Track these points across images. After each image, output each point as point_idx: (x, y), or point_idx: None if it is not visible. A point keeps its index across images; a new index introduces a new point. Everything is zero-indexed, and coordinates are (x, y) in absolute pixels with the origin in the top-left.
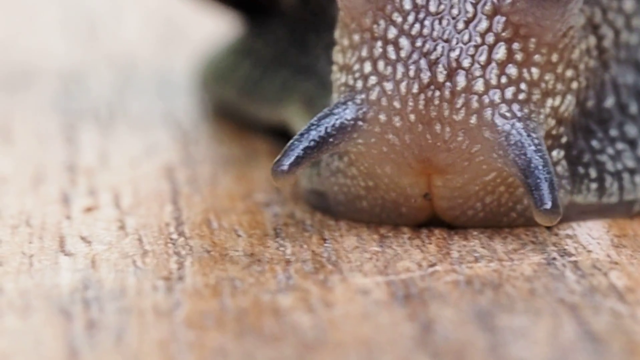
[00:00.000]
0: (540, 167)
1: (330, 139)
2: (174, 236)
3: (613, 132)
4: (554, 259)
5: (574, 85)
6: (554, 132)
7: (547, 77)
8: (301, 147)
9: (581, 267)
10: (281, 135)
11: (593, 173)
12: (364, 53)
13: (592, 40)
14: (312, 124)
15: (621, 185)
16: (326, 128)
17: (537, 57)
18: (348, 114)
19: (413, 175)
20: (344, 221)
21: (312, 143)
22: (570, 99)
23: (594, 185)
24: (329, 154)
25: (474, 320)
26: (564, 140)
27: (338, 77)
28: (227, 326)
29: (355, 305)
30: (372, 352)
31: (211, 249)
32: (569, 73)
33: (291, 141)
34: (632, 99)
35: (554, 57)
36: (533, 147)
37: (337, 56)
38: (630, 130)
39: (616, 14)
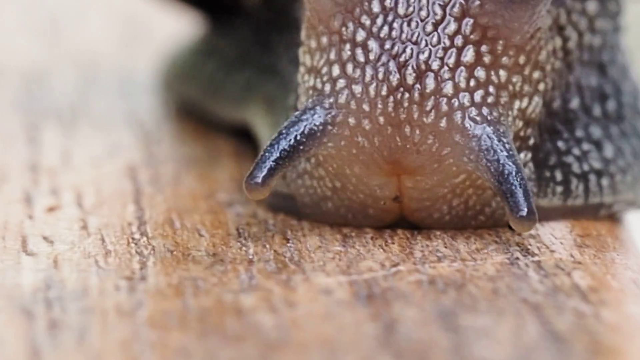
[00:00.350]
0: (514, 173)
1: (301, 147)
2: (137, 236)
3: (579, 133)
4: (517, 258)
5: (541, 86)
6: (521, 133)
7: (514, 79)
8: (272, 158)
9: (544, 267)
10: (244, 135)
11: (559, 176)
12: (332, 56)
13: (558, 42)
14: (282, 133)
15: (587, 187)
16: (296, 136)
17: (504, 59)
18: (317, 119)
19: (382, 175)
20: (307, 221)
21: (283, 153)
22: (537, 100)
23: (559, 189)
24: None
25: (436, 320)
26: (531, 142)
27: (306, 80)
28: (189, 326)
29: (318, 305)
30: (334, 352)
31: (174, 248)
32: (536, 74)
33: (262, 153)
34: (595, 101)
35: (522, 59)
36: (505, 153)
37: (305, 58)
38: (595, 132)
39: (580, 15)
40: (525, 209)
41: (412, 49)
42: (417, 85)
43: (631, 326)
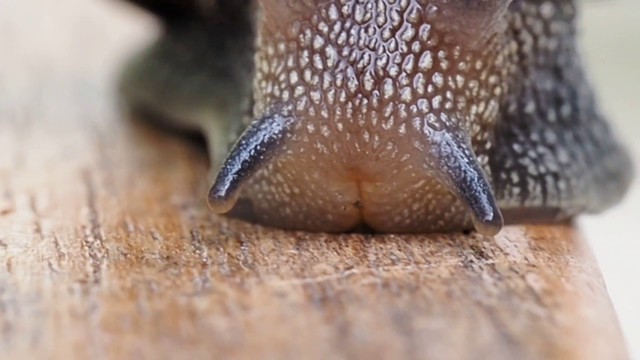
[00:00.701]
0: (477, 179)
1: (261, 156)
2: (90, 239)
3: (534, 136)
4: (471, 261)
5: (497, 91)
6: (478, 138)
7: (471, 84)
8: (234, 171)
9: (498, 270)
10: (198, 138)
11: (515, 177)
12: (290, 63)
13: (514, 46)
14: (241, 144)
15: (544, 189)
16: (256, 146)
17: (461, 65)
18: (275, 127)
19: (342, 181)
20: (261, 224)
21: (245, 164)
22: (493, 104)
23: (516, 190)
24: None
25: (390, 323)
26: (488, 146)
27: (263, 87)
28: (143, 329)
29: (272, 308)
30: (288, 355)
31: (127, 251)
32: (492, 79)
33: (223, 165)
34: (550, 105)
35: (478, 64)
36: (466, 160)
37: (262, 64)
38: (550, 136)
39: (535, 19)
40: (491, 214)
41: (370, 55)
42: (376, 92)
43: (585, 329)
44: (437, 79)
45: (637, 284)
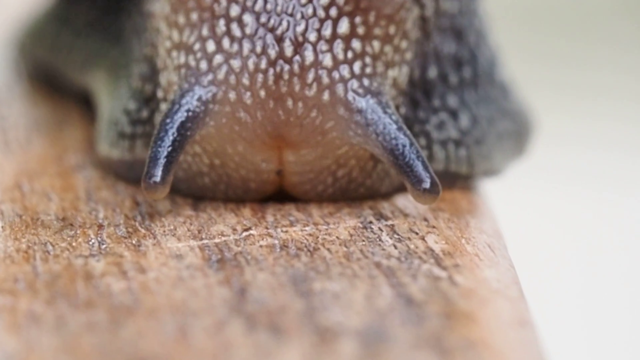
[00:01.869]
0: (408, 146)
1: (188, 132)
2: None
3: (436, 102)
4: (371, 222)
5: (408, 56)
6: (395, 102)
7: (386, 49)
8: (165, 153)
9: (398, 231)
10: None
11: (422, 141)
12: (205, 32)
13: (416, 11)
14: (166, 123)
15: (447, 155)
16: (182, 123)
17: (377, 30)
18: (196, 100)
19: (266, 150)
20: (179, 193)
21: (175, 144)
22: (405, 69)
23: (424, 153)
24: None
25: (289, 284)
26: (402, 111)
27: (175, 56)
28: (39, 291)
29: (169, 269)
30: (186, 317)
31: (23, 213)
32: (404, 44)
33: (153, 148)
34: (452, 68)
35: (392, 30)
36: (395, 126)
37: (172, 33)
38: (452, 100)
39: None
40: (428, 181)
41: (288, 22)
42: (297, 58)
43: (485, 290)
44: (356, 44)
45: (537, 245)
